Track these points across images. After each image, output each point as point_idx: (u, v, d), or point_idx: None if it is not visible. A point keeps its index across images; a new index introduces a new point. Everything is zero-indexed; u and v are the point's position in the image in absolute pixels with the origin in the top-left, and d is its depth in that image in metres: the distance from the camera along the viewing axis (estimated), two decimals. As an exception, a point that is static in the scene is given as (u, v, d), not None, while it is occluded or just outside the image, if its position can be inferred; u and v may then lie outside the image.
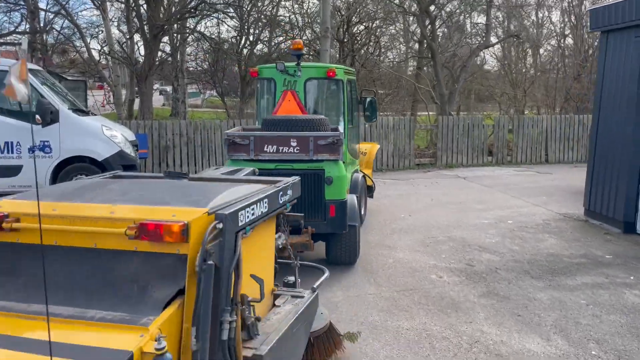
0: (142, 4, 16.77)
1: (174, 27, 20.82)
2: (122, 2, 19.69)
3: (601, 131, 8.11)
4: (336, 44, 20.60)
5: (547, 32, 23.54)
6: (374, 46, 21.01)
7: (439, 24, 17.00)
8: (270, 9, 21.92)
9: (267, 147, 5.69)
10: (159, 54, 21.03)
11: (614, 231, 7.64)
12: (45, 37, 19.94)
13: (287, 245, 3.37)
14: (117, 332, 2.09)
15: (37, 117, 8.32)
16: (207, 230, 2.27)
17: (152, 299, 2.22)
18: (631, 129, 7.43)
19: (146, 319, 2.11)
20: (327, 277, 3.68)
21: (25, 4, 17.47)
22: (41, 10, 18.79)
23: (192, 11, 17.06)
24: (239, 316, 2.46)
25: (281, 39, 24.43)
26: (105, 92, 24.60)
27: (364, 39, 20.89)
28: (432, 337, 4.38)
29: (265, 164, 5.56)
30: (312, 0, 22.05)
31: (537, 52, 24.01)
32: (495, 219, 8.44)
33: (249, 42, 24.38)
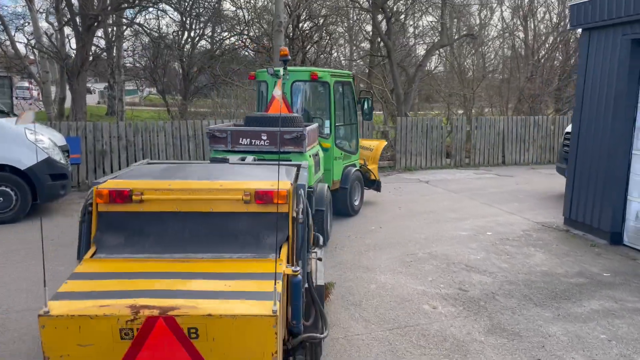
0: (73, -8, 15.19)
1: (110, 19, 19.22)
2: (50, -10, 17.95)
3: (583, 136, 7.61)
4: (286, 40, 19.67)
5: (495, 31, 23.48)
6: (325, 44, 20.23)
7: (394, 21, 16.33)
8: (213, 3, 20.64)
9: (242, 140, 6.51)
10: (93, 48, 19.40)
11: (600, 242, 7.15)
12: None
13: None
14: (256, 264, 2.96)
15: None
16: (295, 194, 3.23)
17: (268, 245, 3.10)
18: (618, 134, 6.95)
19: (271, 256, 2.99)
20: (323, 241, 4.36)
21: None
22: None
23: (130, 2, 15.63)
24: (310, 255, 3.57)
25: (226, 34, 23.25)
26: (31, 88, 22.55)
27: (315, 36, 20.06)
28: (445, 394, 3.58)
29: (240, 154, 5.76)
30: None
31: (480, 52, 23.97)
32: (473, 230, 7.79)
33: (190, 37, 23.06)
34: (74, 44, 17.64)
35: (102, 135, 11.16)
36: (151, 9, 19.78)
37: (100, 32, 23.13)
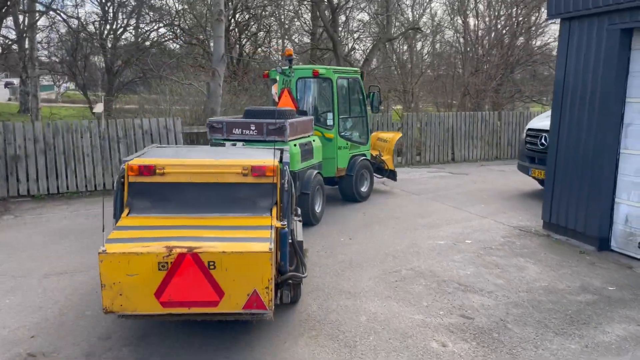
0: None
1: (20, 6, 17.14)
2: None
3: (564, 135, 7.09)
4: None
5: (436, 25, 23.25)
6: (264, 36, 19.15)
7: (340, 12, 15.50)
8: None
9: (235, 130, 7.41)
10: (1, 39, 17.30)
11: (587, 249, 6.66)
12: None
13: None
14: (254, 220, 3.98)
15: None
16: (282, 170, 4.29)
17: (263, 207, 4.14)
18: (604, 132, 6.46)
19: (265, 215, 4.06)
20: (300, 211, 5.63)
21: None
22: None
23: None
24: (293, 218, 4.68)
25: (154, 25, 21.55)
26: None
27: (252, 28, 18.91)
28: None
29: (235, 142, 7.04)
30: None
31: (413, 46, 23.72)
32: (450, 239, 7.10)
33: (113, 29, 21.16)
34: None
35: (15, 137, 9.56)
36: (69, -4, 17.87)
37: (9, 21, 20.78)
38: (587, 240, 6.78)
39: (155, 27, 21.35)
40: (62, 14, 17.62)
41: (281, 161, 4.46)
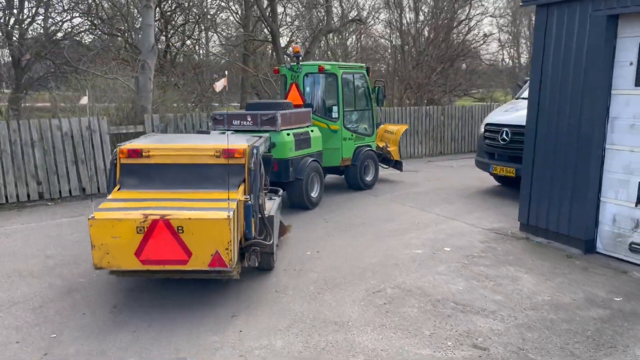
0: None
1: None
2: None
3: (543, 129, 6.61)
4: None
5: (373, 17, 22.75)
6: (193, 28, 17.82)
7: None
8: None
9: (234, 122, 8.07)
10: None
11: (573, 252, 6.21)
12: None
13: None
14: (221, 194, 4.46)
15: None
16: (250, 152, 4.85)
17: (232, 184, 4.64)
18: (589, 127, 6.02)
19: (233, 191, 4.58)
20: (282, 192, 6.64)
21: None
22: None
23: None
24: (263, 194, 5.37)
25: (66, 15, 19.52)
26: None
27: (179, 19, 17.54)
28: None
29: (236, 132, 7.20)
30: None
31: (345, 39, 23.20)
32: (427, 247, 6.45)
33: (18, 20, 18.94)
34: None
35: None
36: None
37: None
38: (571, 242, 6.34)
39: (68, 17, 19.38)
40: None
41: (253, 145, 5.08)
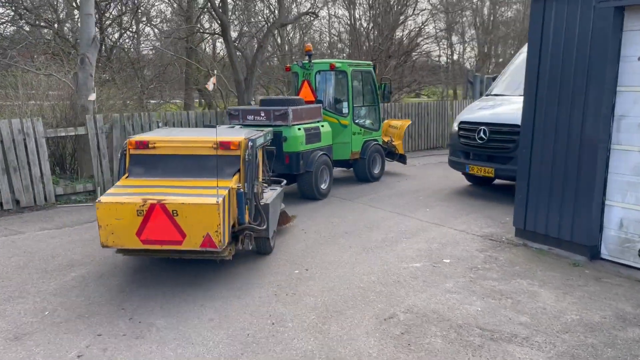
0: None
1: None
2: None
3: (541, 130, 6.19)
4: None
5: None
6: (131, 19, 16.47)
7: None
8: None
9: (249, 117, 8.52)
10: None
11: (577, 259, 5.83)
12: None
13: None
14: (220, 182, 4.77)
15: None
16: (245, 145, 5.18)
17: (227, 173, 5.05)
18: (593, 125, 5.64)
19: (227, 179, 4.95)
20: (285, 182, 7.05)
21: None
22: None
23: None
24: (259, 183, 5.68)
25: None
26: None
27: (116, 11, 16.14)
28: None
29: (249, 127, 7.61)
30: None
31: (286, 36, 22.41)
32: (424, 259, 5.88)
33: None
34: None
35: None
36: None
37: None
38: (574, 249, 5.96)
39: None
40: None
41: (252, 140, 5.32)
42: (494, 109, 8.95)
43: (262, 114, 8.35)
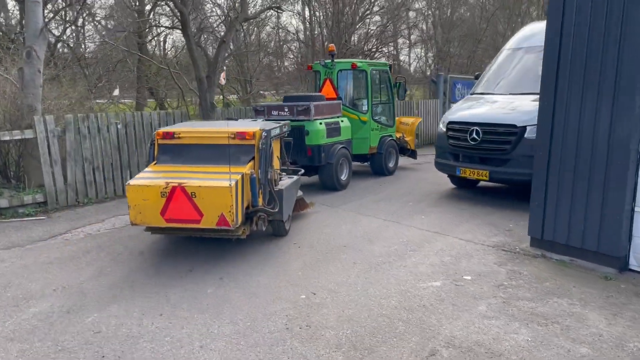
0: None
1: None
2: None
3: (561, 127, 5.64)
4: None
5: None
6: (77, 13, 15.08)
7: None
8: None
9: (273, 112, 9.06)
10: None
11: (606, 271, 5.33)
12: None
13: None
14: (233, 169, 5.19)
15: None
16: (260, 135, 5.66)
17: (243, 160, 5.54)
18: (623, 126, 5.14)
19: (242, 166, 5.49)
20: (302, 172, 7.41)
21: None
22: None
23: None
24: (274, 171, 6.04)
25: None
26: None
27: (63, 2, 14.72)
28: None
29: (274, 122, 7.21)
30: None
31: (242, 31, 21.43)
32: (440, 275, 5.23)
33: None
34: None
35: None
36: None
37: None
38: (600, 260, 5.45)
39: None
40: None
41: (267, 131, 5.78)
42: (484, 107, 8.44)
43: (286, 110, 8.88)
